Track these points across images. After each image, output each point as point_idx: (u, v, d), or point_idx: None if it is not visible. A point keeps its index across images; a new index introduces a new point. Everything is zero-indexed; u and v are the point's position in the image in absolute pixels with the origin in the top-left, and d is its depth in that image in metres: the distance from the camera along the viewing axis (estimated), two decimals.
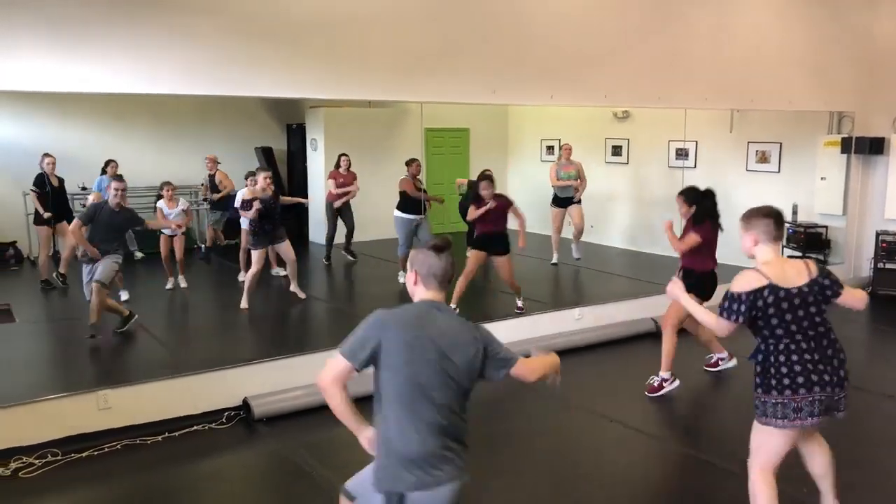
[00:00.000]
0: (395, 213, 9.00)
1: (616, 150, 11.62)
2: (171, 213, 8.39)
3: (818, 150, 9.48)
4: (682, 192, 5.80)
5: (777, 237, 3.32)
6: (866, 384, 5.66)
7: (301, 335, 7.41)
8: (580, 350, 6.93)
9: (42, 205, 8.77)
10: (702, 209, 5.64)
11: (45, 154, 8.94)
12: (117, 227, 6.84)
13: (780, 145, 9.75)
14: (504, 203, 7.30)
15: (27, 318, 7.75)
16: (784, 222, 3.42)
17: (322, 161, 11.51)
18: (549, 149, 12.50)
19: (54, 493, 4.43)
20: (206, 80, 5.07)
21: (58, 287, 8.83)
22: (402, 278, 7.43)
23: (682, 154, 10.51)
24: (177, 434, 5.09)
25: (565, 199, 9.89)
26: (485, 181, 7.24)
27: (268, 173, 8.11)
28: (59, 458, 4.71)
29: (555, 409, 5.62)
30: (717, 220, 5.72)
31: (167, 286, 8.75)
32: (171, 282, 8.78)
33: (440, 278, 2.69)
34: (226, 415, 5.35)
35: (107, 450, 4.85)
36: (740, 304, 3.20)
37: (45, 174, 8.80)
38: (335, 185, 9.87)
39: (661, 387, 5.78)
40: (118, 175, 8.09)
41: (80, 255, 6.92)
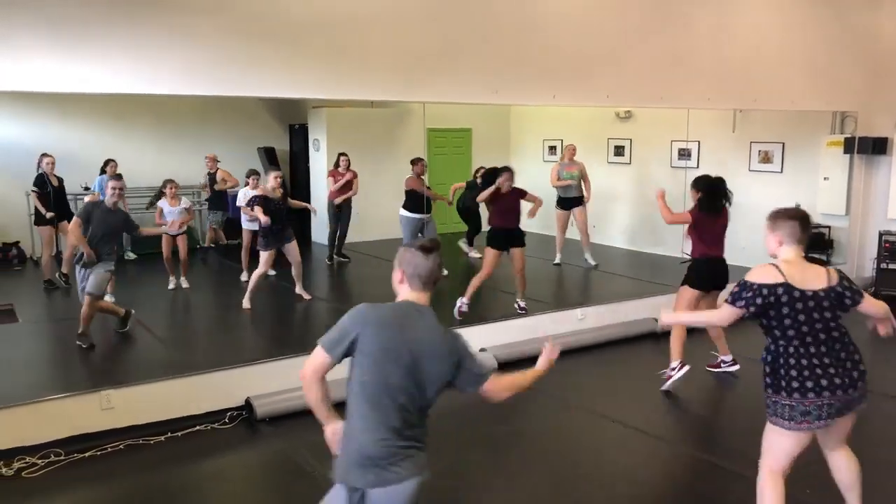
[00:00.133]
0: (402, 212, 9.00)
1: (618, 151, 11.61)
2: (174, 210, 8.40)
3: (821, 150, 9.46)
4: (694, 179, 6.11)
5: (801, 239, 3.30)
6: (867, 384, 5.62)
7: (303, 335, 7.40)
8: (582, 350, 6.92)
9: (43, 205, 8.79)
10: (705, 197, 5.90)
11: (44, 154, 8.96)
12: (112, 228, 6.70)
13: (783, 145, 9.73)
14: (518, 192, 7.36)
15: (30, 319, 7.78)
16: (810, 225, 3.42)
17: (324, 161, 11.51)
18: (552, 149, 12.50)
19: (57, 493, 4.44)
20: (206, 80, 5.08)
21: (61, 287, 8.85)
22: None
23: (684, 154, 10.50)
24: (179, 434, 5.10)
25: (569, 200, 9.89)
26: (507, 172, 7.34)
27: (278, 173, 8.09)
28: (63, 458, 4.72)
29: (555, 409, 5.61)
30: (718, 209, 5.87)
31: (170, 286, 8.75)
32: (172, 281, 8.78)
33: (425, 279, 2.67)
34: (228, 415, 5.36)
35: (110, 450, 4.86)
36: (752, 294, 3.18)
37: (45, 174, 8.83)
38: (335, 183, 9.89)
39: (669, 377, 5.87)
40: (117, 174, 8.10)
41: (75, 258, 6.78)
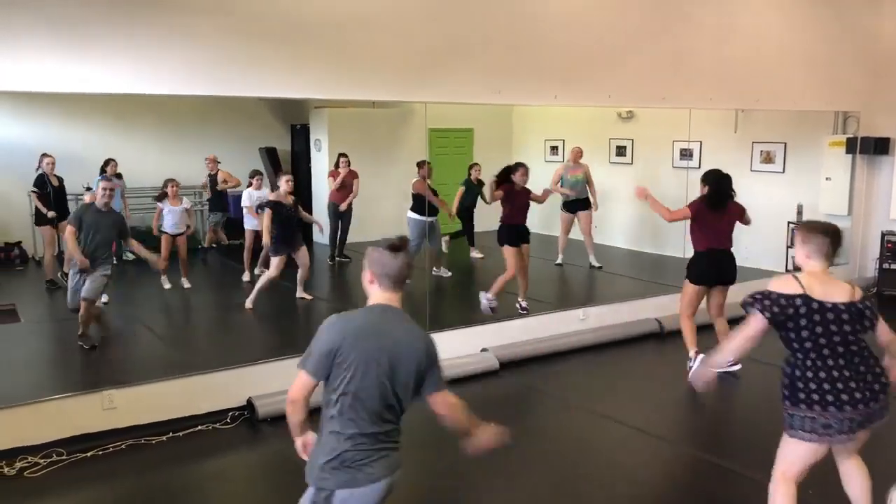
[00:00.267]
0: (409, 214, 8.98)
1: (620, 151, 11.59)
2: (175, 210, 8.38)
3: (823, 150, 9.44)
4: (704, 173, 6.19)
5: (829, 255, 3.31)
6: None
7: (305, 335, 7.32)
8: (583, 350, 6.92)
9: (44, 205, 8.79)
10: (710, 191, 5.98)
11: (44, 154, 8.95)
12: (105, 231, 6.45)
13: (785, 145, 9.72)
14: (526, 190, 7.42)
15: (32, 318, 7.79)
16: (841, 240, 3.42)
17: (326, 161, 11.48)
18: (554, 149, 12.48)
19: (59, 492, 4.44)
20: (206, 80, 5.07)
21: (63, 287, 8.82)
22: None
23: (686, 154, 10.48)
24: (181, 434, 5.10)
25: (574, 203, 9.88)
26: (522, 167, 7.40)
27: (290, 177, 7.98)
28: (64, 457, 4.72)
29: (555, 409, 5.61)
30: (722, 204, 5.95)
31: (165, 286, 8.69)
32: (166, 282, 8.69)
33: (394, 278, 2.67)
34: (230, 415, 5.36)
35: (111, 450, 4.86)
36: (769, 302, 3.20)
37: (45, 174, 8.83)
38: (334, 182, 9.88)
39: (688, 370, 5.90)
40: (105, 175, 8.04)
41: (71, 262, 6.63)
